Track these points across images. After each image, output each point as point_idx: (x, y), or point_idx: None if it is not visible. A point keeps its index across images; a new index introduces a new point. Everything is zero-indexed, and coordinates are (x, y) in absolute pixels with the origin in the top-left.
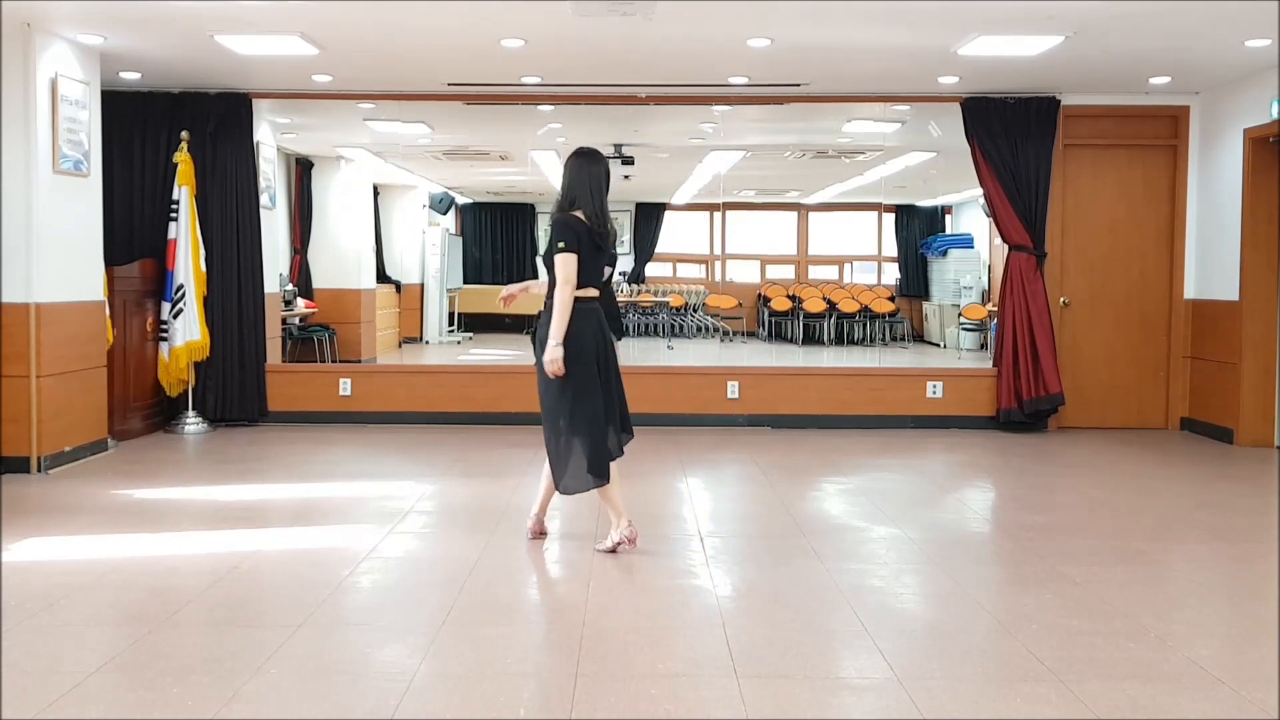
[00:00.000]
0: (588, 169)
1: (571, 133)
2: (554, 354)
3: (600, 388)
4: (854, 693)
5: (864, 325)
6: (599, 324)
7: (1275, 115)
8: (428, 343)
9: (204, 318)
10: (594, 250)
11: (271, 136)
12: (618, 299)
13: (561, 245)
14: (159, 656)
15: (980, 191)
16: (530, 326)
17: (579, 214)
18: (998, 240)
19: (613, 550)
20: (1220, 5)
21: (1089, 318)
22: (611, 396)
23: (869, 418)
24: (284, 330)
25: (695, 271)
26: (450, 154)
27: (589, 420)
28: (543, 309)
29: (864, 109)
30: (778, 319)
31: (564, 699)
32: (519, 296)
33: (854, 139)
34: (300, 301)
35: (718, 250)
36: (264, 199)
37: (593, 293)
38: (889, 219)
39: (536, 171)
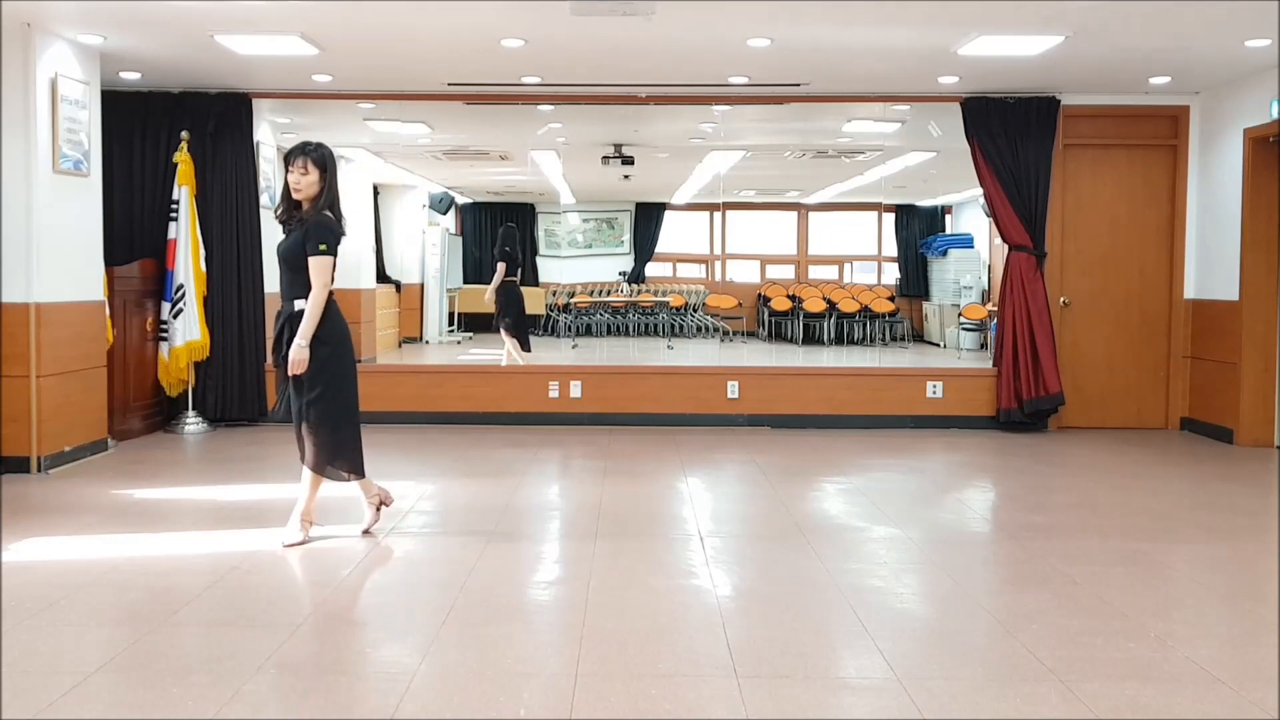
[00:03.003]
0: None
1: (571, 133)
2: (302, 354)
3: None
4: (854, 693)
5: (864, 325)
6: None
7: (1275, 115)
8: (428, 343)
9: (204, 318)
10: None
11: (271, 136)
12: (618, 298)
13: (324, 248)
14: (159, 656)
15: (980, 191)
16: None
17: (331, 215)
18: (998, 240)
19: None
20: (1220, 5)
21: (1089, 318)
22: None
23: (869, 418)
24: None
25: (695, 271)
26: (450, 154)
27: (356, 410)
28: (291, 303)
29: (864, 109)
30: (778, 319)
31: (564, 699)
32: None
33: (854, 139)
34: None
35: (718, 250)
36: (264, 199)
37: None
38: (889, 219)
39: (536, 171)
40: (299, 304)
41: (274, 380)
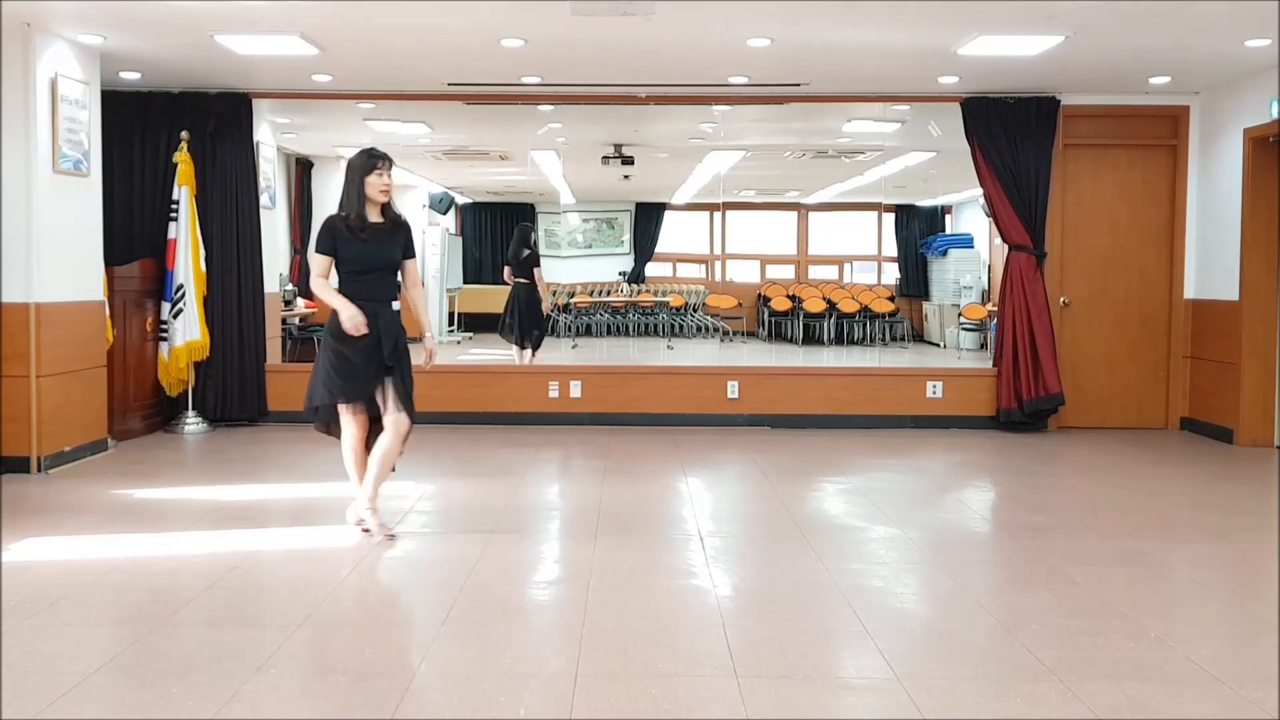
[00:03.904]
0: None
1: (571, 133)
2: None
3: None
4: (854, 693)
5: (864, 325)
6: None
7: (1275, 115)
8: None
9: (204, 318)
10: None
11: (271, 136)
12: (618, 298)
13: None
14: (159, 656)
15: (980, 191)
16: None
17: None
18: (998, 240)
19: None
20: (1220, 5)
21: (1089, 318)
22: None
23: (869, 418)
24: (284, 330)
25: (695, 271)
26: (450, 154)
27: None
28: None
29: (864, 109)
30: (778, 319)
31: (564, 699)
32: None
33: (854, 139)
34: (300, 301)
35: (718, 250)
36: (264, 199)
37: None
38: (889, 219)
39: (536, 171)
40: (395, 305)
41: (274, 380)
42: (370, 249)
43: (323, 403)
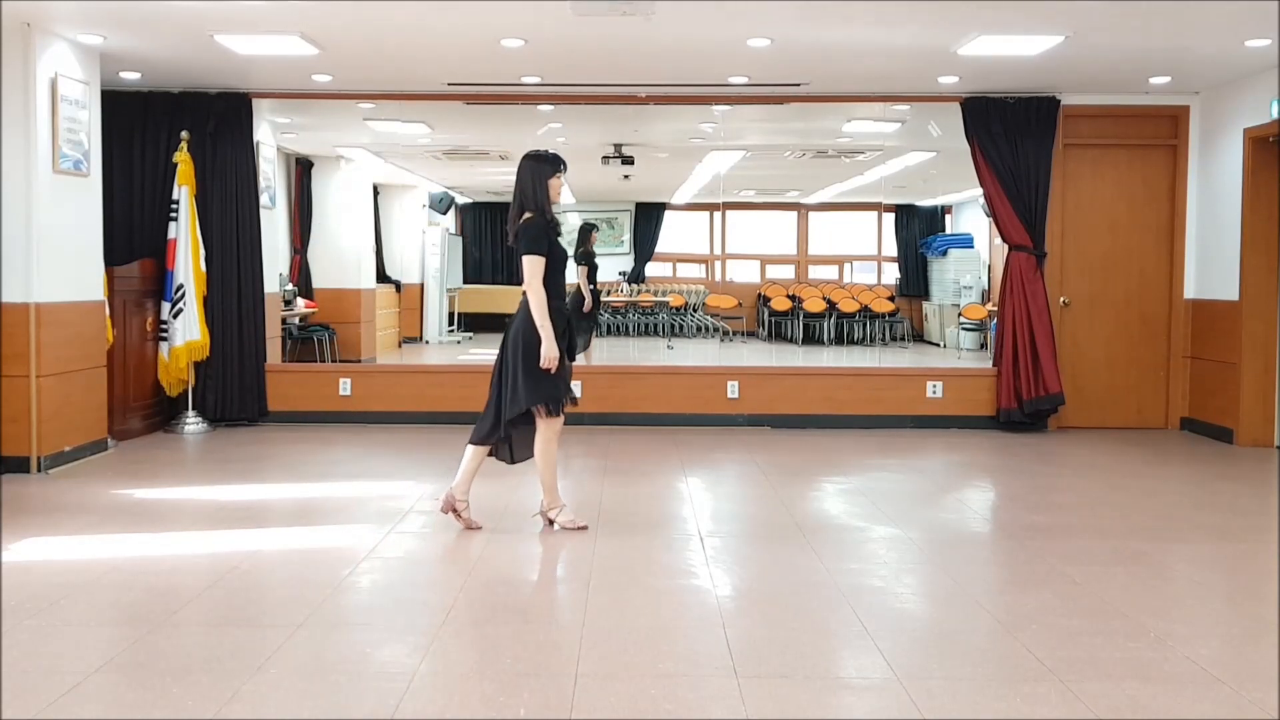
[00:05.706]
0: None
1: (571, 133)
2: None
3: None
4: (854, 693)
5: (864, 325)
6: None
7: (1275, 115)
8: (428, 343)
9: (204, 317)
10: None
11: (271, 136)
12: (618, 298)
13: None
14: (159, 656)
15: (980, 191)
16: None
17: None
18: (998, 240)
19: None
20: (1220, 5)
21: (1089, 318)
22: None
23: (869, 418)
24: (284, 330)
25: (695, 271)
26: (450, 154)
27: None
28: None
29: (864, 109)
30: (778, 319)
31: (564, 699)
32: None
33: (854, 139)
34: (300, 301)
35: (718, 250)
36: (264, 199)
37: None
38: (889, 219)
39: None
40: None
41: (274, 380)
42: (560, 249)
43: (561, 401)
